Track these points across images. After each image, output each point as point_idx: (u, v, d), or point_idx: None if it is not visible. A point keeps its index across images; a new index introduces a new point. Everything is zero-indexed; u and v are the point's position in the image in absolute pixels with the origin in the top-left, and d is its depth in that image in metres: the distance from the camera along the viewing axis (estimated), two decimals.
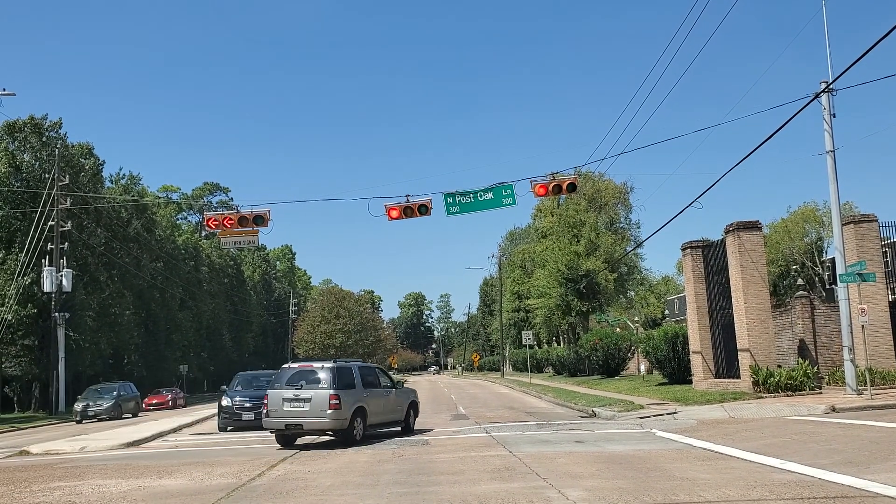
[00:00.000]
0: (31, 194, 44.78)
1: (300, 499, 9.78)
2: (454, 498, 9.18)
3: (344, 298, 62.13)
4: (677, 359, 29.82)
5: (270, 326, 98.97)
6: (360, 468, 12.59)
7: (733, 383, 24.00)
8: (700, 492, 8.81)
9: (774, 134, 21.69)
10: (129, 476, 12.83)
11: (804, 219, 50.85)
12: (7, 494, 11.27)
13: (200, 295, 72.21)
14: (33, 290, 42.87)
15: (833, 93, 21.02)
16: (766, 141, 21.24)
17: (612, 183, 50.32)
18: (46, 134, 49.05)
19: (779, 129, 20.36)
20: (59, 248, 42.63)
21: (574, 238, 47.32)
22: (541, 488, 9.57)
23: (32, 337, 45.07)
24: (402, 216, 21.60)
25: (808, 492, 8.50)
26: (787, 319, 26.47)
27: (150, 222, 64.98)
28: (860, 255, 23.34)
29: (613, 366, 41.43)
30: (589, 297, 47.46)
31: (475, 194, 21.71)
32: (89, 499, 10.59)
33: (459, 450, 14.50)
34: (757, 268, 23.63)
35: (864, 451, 11.44)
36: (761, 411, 18.69)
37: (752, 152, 21.90)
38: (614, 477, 10.24)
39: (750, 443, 13.21)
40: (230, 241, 23.35)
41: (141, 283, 59.19)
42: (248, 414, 22.98)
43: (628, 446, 13.69)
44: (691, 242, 27.95)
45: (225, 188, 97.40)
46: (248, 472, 12.63)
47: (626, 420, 19.15)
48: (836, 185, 21.53)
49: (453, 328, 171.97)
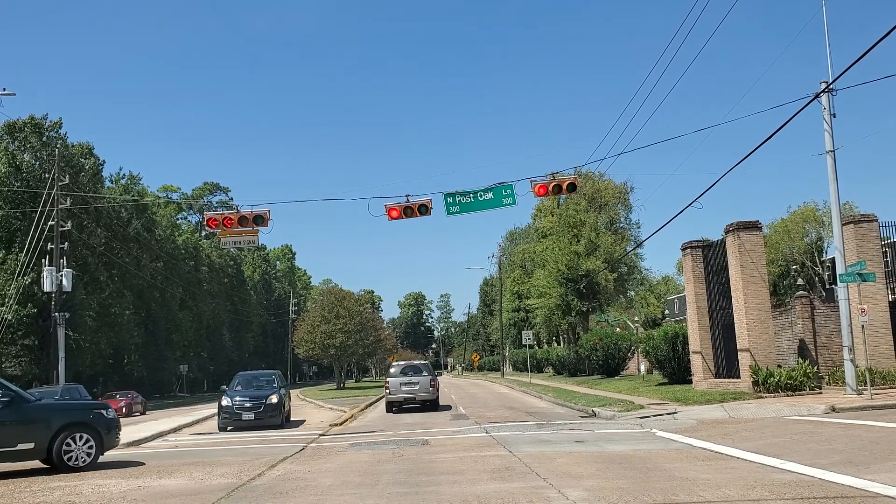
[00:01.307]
0: (31, 194, 44.82)
1: (300, 499, 9.78)
2: (454, 498, 9.18)
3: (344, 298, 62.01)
4: (677, 359, 29.82)
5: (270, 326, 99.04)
6: (359, 468, 12.59)
7: (733, 383, 24.00)
8: (700, 492, 8.81)
9: (774, 134, 21.73)
10: (128, 476, 12.83)
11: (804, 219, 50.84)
12: (7, 494, 11.27)
13: (200, 295, 72.25)
14: (33, 289, 42.91)
15: (833, 93, 21.03)
16: (766, 141, 21.27)
17: (612, 183, 50.26)
18: (46, 134, 49.11)
19: (779, 129, 20.38)
20: (59, 247, 42.61)
21: (574, 238, 47.30)
22: (541, 488, 9.57)
23: (32, 337, 45.11)
24: (402, 216, 21.59)
25: (808, 492, 8.50)
26: (787, 319, 26.48)
27: (150, 222, 65.03)
28: (860, 255, 23.34)
29: (613, 366, 41.43)
30: (589, 297, 47.46)
31: (475, 194, 21.70)
32: (89, 498, 10.59)
33: (459, 450, 14.50)
34: (757, 268, 23.64)
35: (864, 451, 11.44)
36: (761, 411, 18.69)
37: (752, 152, 21.92)
38: (614, 477, 10.24)
39: (750, 443, 13.21)
40: (230, 241, 23.33)
41: (141, 283, 59.23)
42: (248, 414, 22.96)
43: (628, 446, 13.69)
44: (691, 242, 27.95)
45: (225, 188, 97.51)
46: (248, 472, 12.63)
47: (626, 420, 19.15)
48: (836, 185, 21.53)
49: (453, 328, 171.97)
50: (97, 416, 14.43)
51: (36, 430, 13.60)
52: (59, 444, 13.68)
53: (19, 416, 13.57)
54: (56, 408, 15.29)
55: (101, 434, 14.21)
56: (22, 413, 13.65)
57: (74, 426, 13.93)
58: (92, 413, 14.54)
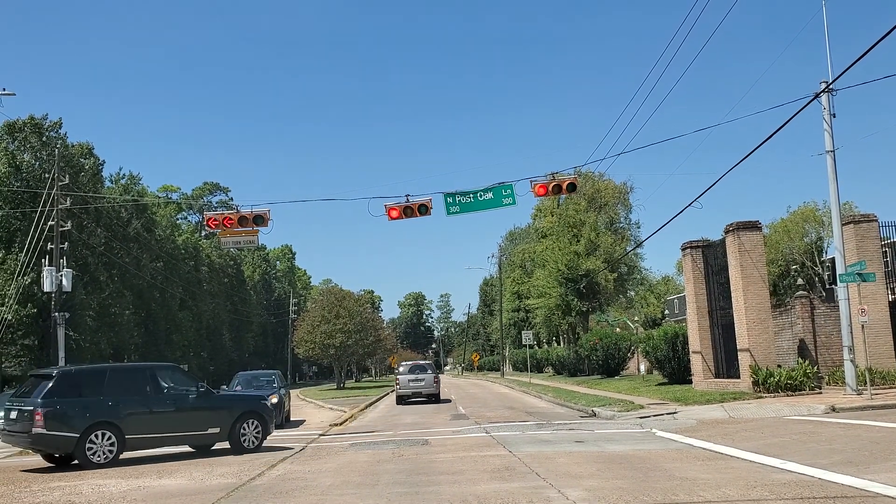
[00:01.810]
0: (31, 194, 44.79)
1: (300, 498, 9.78)
2: (454, 498, 9.18)
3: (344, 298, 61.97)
4: (677, 359, 29.82)
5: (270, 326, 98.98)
6: (359, 468, 12.60)
7: (733, 383, 24.00)
8: (700, 492, 8.81)
9: (774, 134, 21.75)
10: (128, 476, 12.83)
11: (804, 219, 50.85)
12: (7, 494, 11.27)
13: (200, 295, 72.22)
14: (33, 289, 42.88)
15: (833, 93, 21.03)
16: (766, 141, 21.29)
17: (612, 183, 50.27)
18: (46, 134, 49.06)
19: (779, 129, 20.39)
20: (59, 248, 42.54)
21: (574, 238, 47.31)
22: (541, 488, 9.57)
23: (32, 337, 45.07)
24: (402, 216, 21.60)
25: (808, 492, 8.50)
26: (787, 319, 26.48)
27: (150, 222, 64.97)
28: (860, 255, 23.34)
29: (613, 366, 41.42)
30: (589, 297, 47.46)
31: (475, 194, 21.71)
32: (89, 498, 10.59)
33: (459, 449, 14.50)
34: (757, 268, 23.64)
35: (864, 451, 11.44)
36: (761, 411, 18.69)
37: (752, 152, 21.95)
38: (614, 477, 10.24)
39: (750, 443, 13.22)
40: (230, 241, 23.33)
41: (141, 283, 59.20)
42: None
43: (628, 446, 13.69)
44: (691, 242, 27.95)
45: (225, 188, 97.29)
46: (248, 471, 12.62)
47: (626, 420, 19.15)
48: (836, 185, 21.53)
49: (453, 328, 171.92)
50: (263, 406, 16.73)
51: (221, 417, 15.81)
52: (238, 429, 15.86)
53: (210, 404, 15.89)
54: (236, 398, 17.47)
55: (266, 421, 16.41)
56: (211, 402, 15.98)
57: (249, 414, 16.10)
58: (260, 403, 16.82)
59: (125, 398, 14.77)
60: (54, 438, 14.04)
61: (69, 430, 14.00)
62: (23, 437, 14.25)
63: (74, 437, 13.99)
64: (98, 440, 14.19)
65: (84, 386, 14.71)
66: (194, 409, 15.49)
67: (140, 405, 14.92)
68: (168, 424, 15.13)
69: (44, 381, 14.63)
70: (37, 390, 14.39)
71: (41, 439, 14.03)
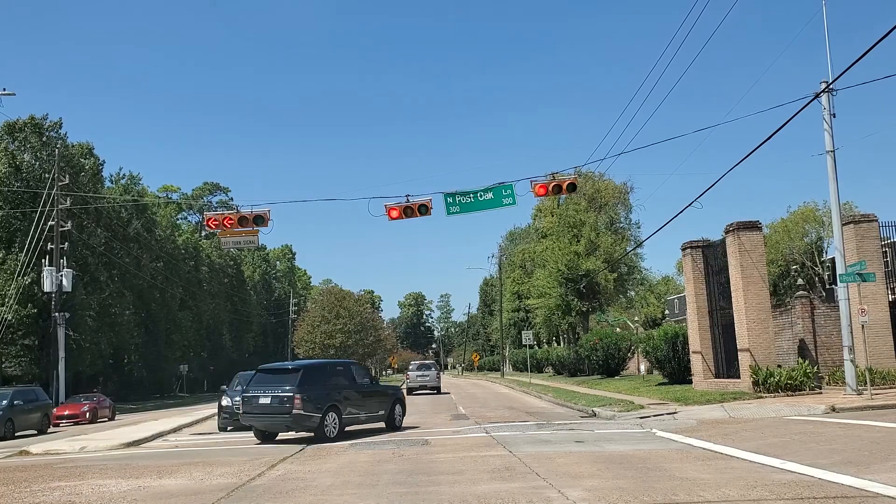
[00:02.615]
0: (31, 194, 44.80)
1: (300, 499, 9.77)
2: (454, 498, 9.18)
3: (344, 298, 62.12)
4: (677, 359, 29.82)
5: (270, 326, 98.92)
6: (359, 468, 12.59)
7: (733, 383, 24.00)
8: (700, 492, 8.81)
9: (774, 134, 21.76)
10: (129, 476, 12.83)
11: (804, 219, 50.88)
12: (7, 494, 11.27)
13: (200, 295, 72.19)
14: (33, 289, 42.89)
15: (833, 93, 21.02)
16: (766, 141, 21.28)
17: (612, 183, 50.23)
18: (46, 134, 49.07)
19: (779, 129, 20.40)
20: (59, 248, 42.60)
21: (574, 238, 47.29)
22: (541, 488, 9.57)
23: (32, 337, 45.07)
24: (402, 216, 21.60)
25: (808, 492, 8.50)
26: (787, 319, 26.47)
27: (150, 222, 64.96)
28: (860, 255, 23.34)
29: (613, 366, 41.42)
30: (589, 297, 47.44)
31: (475, 194, 21.70)
32: (89, 499, 10.59)
33: (459, 450, 14.49)
34: (757, 268, 23.63)
35: (864, 451, 11.44)
36: (761, 411, 18.69)
37: (752, 152, 21.92)
38: (614, 477, 10.24)
39: (750, 443, 13.21)
40: (230, 241, 23.34)
41: (141, 283, 59.18)
42: None
43: (628, 446, 13.69)
44: (691, 242, 27.94)
45: (225, 188, 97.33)
46: (248, 472, 12.62)
47: (626, 420, 19.14)
48: (836, 185, 21.52)
49: (453, 328, 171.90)
50: (403, 395, 21.27)
51: (385, 402, 19.86)
52: (393, 411, 19.90)
53: (379, 391, 20.24)
54: (391, 388, 21.44)
55: (405, 407, 20.78)
56: (379, 390, 20.38)
57: (399, 400, 20.35)
58: (402, 392, 21.42)
59: (339, 387, 18.41)
60: (308, 417, 17.25)
61: (315, 412, 17.32)
62: (282, 417, 17.30)
63: (319, 416, 17.37)
64: (329, 419, 17.60)
65: (318, 377, 18.24)
66: (372, 395, 19.47)
67: (348, 392, 18.59)
68: (361, 407, 18.91)
69: (289, 373, 18.04)
70: (288, 380, 17.59)
71: (299, 418, 17.23)
